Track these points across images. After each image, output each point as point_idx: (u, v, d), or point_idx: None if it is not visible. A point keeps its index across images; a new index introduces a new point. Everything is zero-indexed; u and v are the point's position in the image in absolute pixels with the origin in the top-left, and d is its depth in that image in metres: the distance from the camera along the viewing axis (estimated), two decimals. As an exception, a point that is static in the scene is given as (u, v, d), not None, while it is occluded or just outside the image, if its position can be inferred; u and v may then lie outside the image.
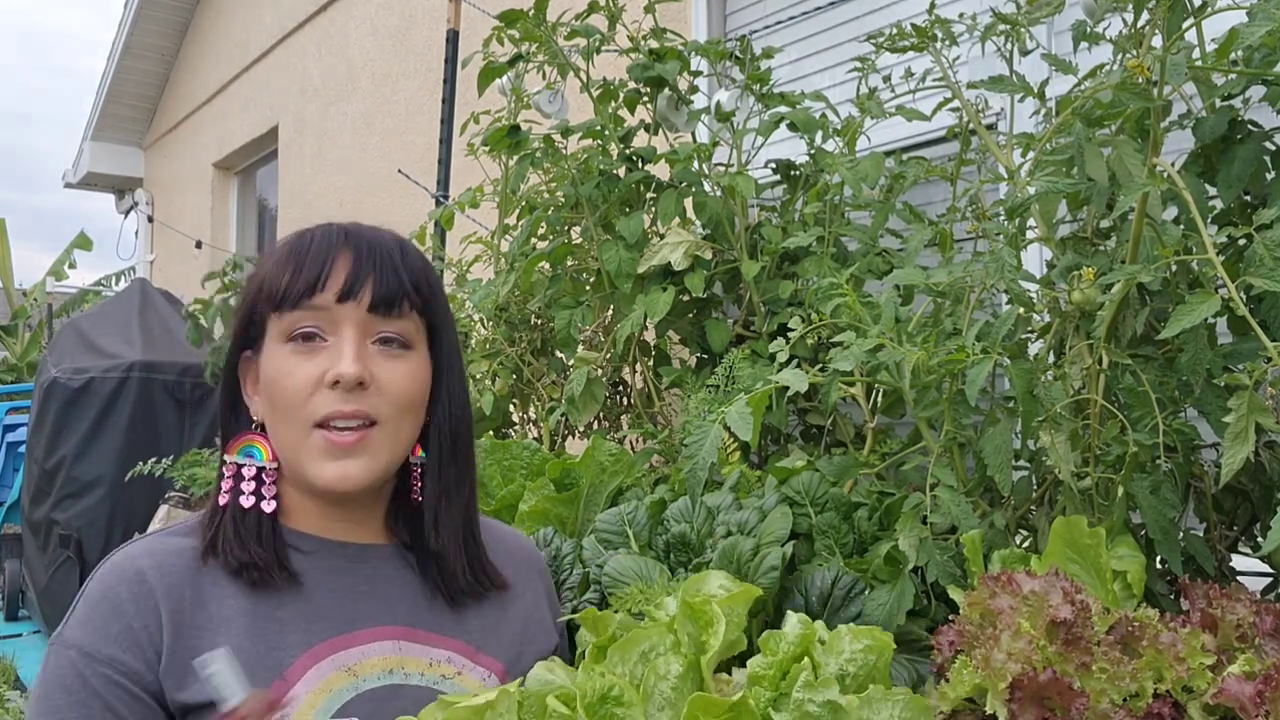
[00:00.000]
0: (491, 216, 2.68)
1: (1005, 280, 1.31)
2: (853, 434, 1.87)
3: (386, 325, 1.04)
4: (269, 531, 1.04)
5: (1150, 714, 0.89)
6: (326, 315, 1.02)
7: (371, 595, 1.07)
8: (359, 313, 1.02)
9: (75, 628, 0.98)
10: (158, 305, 5.48)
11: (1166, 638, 0.93)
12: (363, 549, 1.09)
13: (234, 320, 1.09)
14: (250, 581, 1.01)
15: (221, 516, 1.04)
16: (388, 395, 1.03)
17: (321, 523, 1.08)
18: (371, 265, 1.03)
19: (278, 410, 1.03)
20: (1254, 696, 0.86)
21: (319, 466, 1.01)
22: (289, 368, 1.01)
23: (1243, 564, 1.39)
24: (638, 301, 2.04)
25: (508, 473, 1.90)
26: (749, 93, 2.23)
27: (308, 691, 0.98)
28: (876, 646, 0.87)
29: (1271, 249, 1.07)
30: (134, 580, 0.99)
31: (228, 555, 1.01)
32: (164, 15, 7.79)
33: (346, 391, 1.00)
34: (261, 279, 1.05)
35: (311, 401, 1.00)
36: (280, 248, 1.06)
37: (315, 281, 1.01)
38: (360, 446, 1.01)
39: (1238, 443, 1.07)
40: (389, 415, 1.03)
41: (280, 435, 1.04)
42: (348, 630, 1.03)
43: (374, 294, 1.02)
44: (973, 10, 1.72)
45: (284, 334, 1.02)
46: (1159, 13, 1.25)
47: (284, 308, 1.02)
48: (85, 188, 9.21)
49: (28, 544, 5.14)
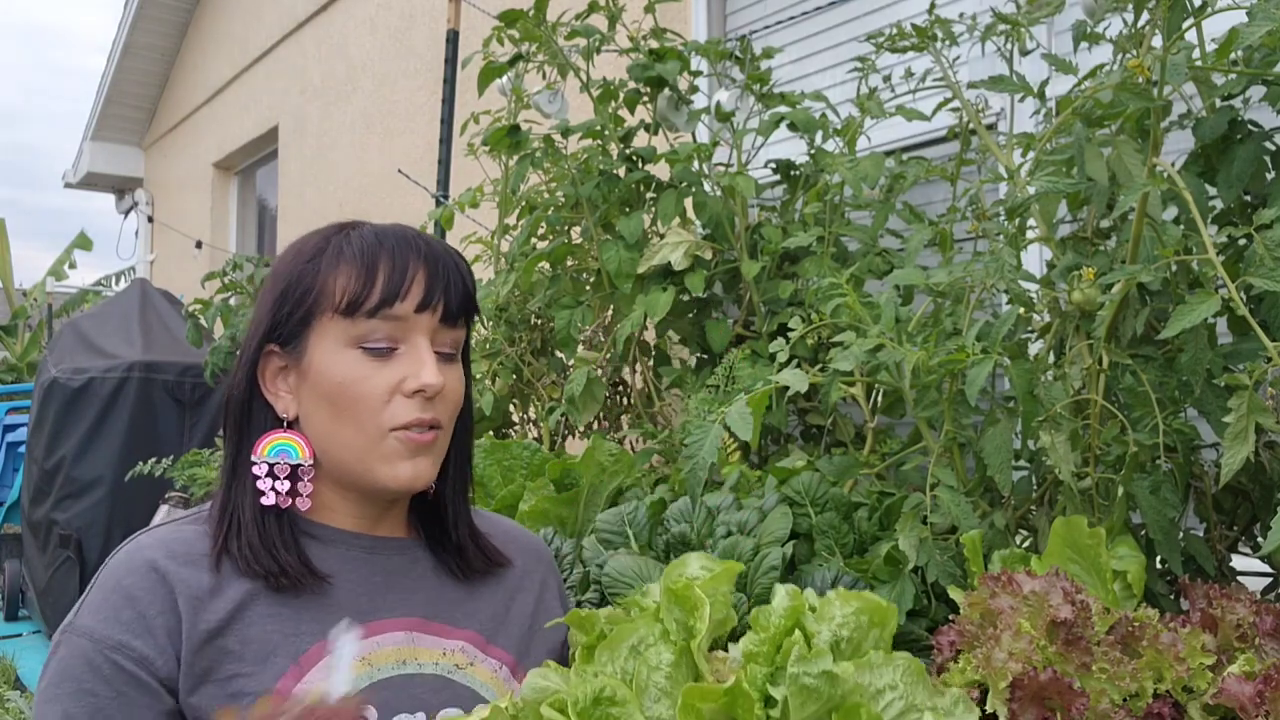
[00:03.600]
0: (491, 216, 2.68)
1: (1005, 280, 1.31)
2: (853, 434, 1.87)
3: (449, 335, 1.07)
4: (290, 539, 1.04)
5: (1150, 714, 0.89)
6: (403, 325, 1.03)
7: (387, 586, 1.08)
8: (432, 322, 1.04)
9: (86, 615, 0.98)
10: (158, 305, 5.47)
11: (1166, 638, 0.93)
12: (380, 541, 1.10)
13: (265, 310, 1.06)
14: (275, 587, 1.01)
15: (243, 517, 1.03)
16: (448, 401, 1.06)
17: (345, 518, 1.09)
18: (444, 277, 1.05)
19: (344, 414, 1.02)
20: (1254, 696, 0.87)
21: (393, 467, 1.03)
22: (361, 374, 1.02)
23: (1243, 564, 1.39)
24: (638, 301, 2.04)
25: (508, 473, 1.90)
26: (749, 93, 2.23)
27: (321, 680, 0.98)
28: (867, 608, 0.86)
29: (1271, 249, 1.07)
30: (147, 569, 0.98)
31: (250, 562, 1.01)
32: (164, 15, 7.78)
33: (425, 400, 1.03)
34: (322, 278, 1.03)
35: (389, 408, 1.02)
36: (337, 245, 1.04)
37: (397, 292, 1.02)
38: (431, 446, 1.05)
39: (1238, 443, 1.07)
40: (446, 421, 1.07)
41: (343, 437, 1.03)
42: (362, 620, 1.04)
43: (445, 306, 1.05)
44: (973, 10, 1.72)
45: (354, 340, 1.02)
46: (1159, 13, 1.25)
47: (358, 314, 1.01)
48: (85, 188, 9.21)
49: (28, 544, 5.14)
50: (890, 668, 0.82)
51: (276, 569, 1.01)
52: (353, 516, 1.09)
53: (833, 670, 0.77)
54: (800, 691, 0.76)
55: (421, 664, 1.05)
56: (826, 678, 0.77)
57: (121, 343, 5.04)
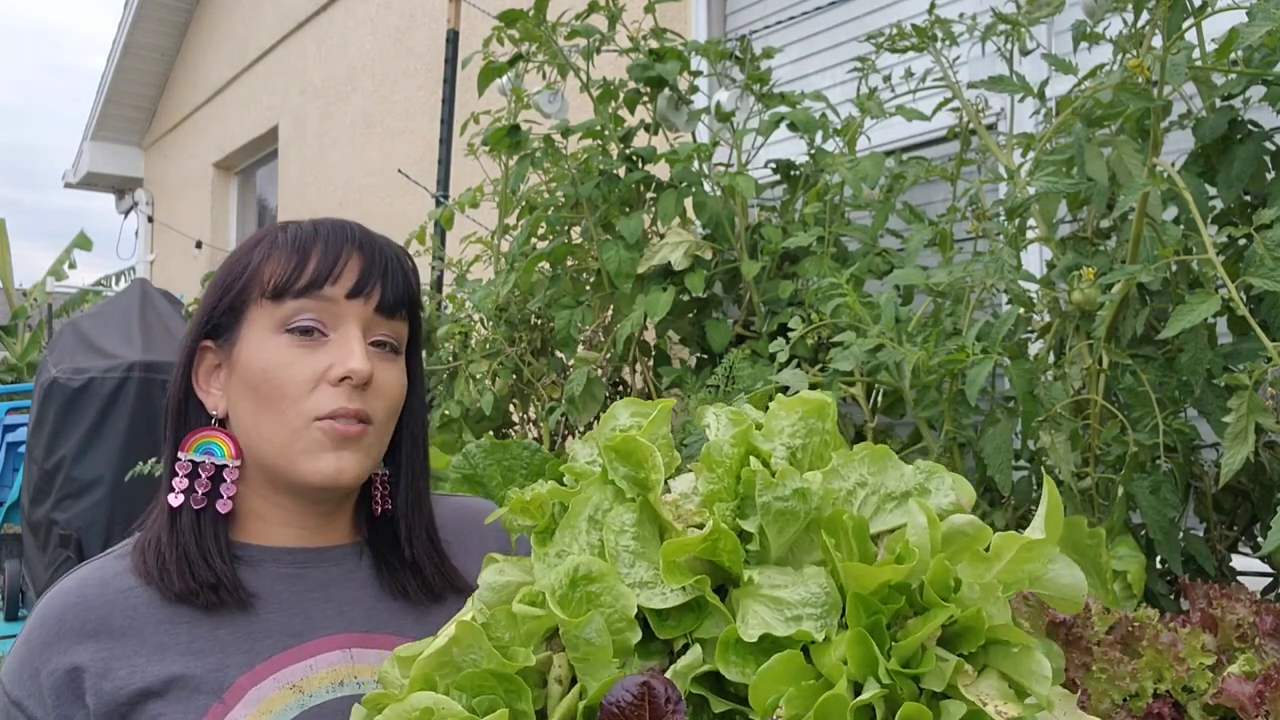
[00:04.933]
0: (491, 216, 2.68)
1: (1005, 280, 1.31)
2: (853, 434, 1.87)
3: (386, 328, 1.02)
4: (225, 543, 0.99)
5: (1150, 714, 0.89)
6: (331, 309, 0.99)
7: (324, 600, 1.02)
8: (365, 311, 1.00)
9: (8, 660, 0.97)
10: (158, 305, 5.47)
11: (1166, 638, 0.93)
12: (316, 552, 1.05)
13: (202, 306, 1.03)
14: (206, 605, 0.96)
15: (168, 526, 0.98)
16: (382, 397, 1.01)
17: (275, 529, 1.03)
18: (381, 266, 1.01)
19: (267, 403, 0.98)
20: (1254, 696, 0.87)
21: (314, 460, 0.97)
22: (286, 359, 0.98)
23: (1243, 564, 1.39)
24: (638, 301, 2.04)
25: (507, 473, 1.90)
26: (749, 93, 2.23)
27: (246, 715, 0.93)
28: (811, 408, 0.80)
29: (1271, 249, 1.07)
30: (54, 622, 0.95)
31: (176, 578, 0.96)
32: (164, 15, 7.78)
33: (352, 389, 0.98)
34: (254, 266, 1.00)
35: (313, 396, 0.97)
36: (274, 235, 1.02)
37: (327, 274, 0.99)
38: (358, 440, 0.99)
39: (1238, 443, 1.07)
40: (381, 418, 1.01)
41: (266, 429, 0.99)
42: (294, 644, 0.98)
43: (382, 295, 1.01)
44: (973, 10, 1.72)
45: (280, 324, 0.98)
46: (1159, 13, 1.25)
47: (286, 296, 0.98)
48: (85, 188, 9.21)
49: (27, 544, 5.14)
50: (855, 463, 0.78)
51: (212, 581, 0.96)
52: (289, 527, 1.03)
53: (803, 487, 0.73)
54: (776, 518, 0.73)
55: (362, 683, 0.98)
56: (799, 496, 0.73)
57: (121, 343, 5.04)
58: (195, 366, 1.03)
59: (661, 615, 0.72)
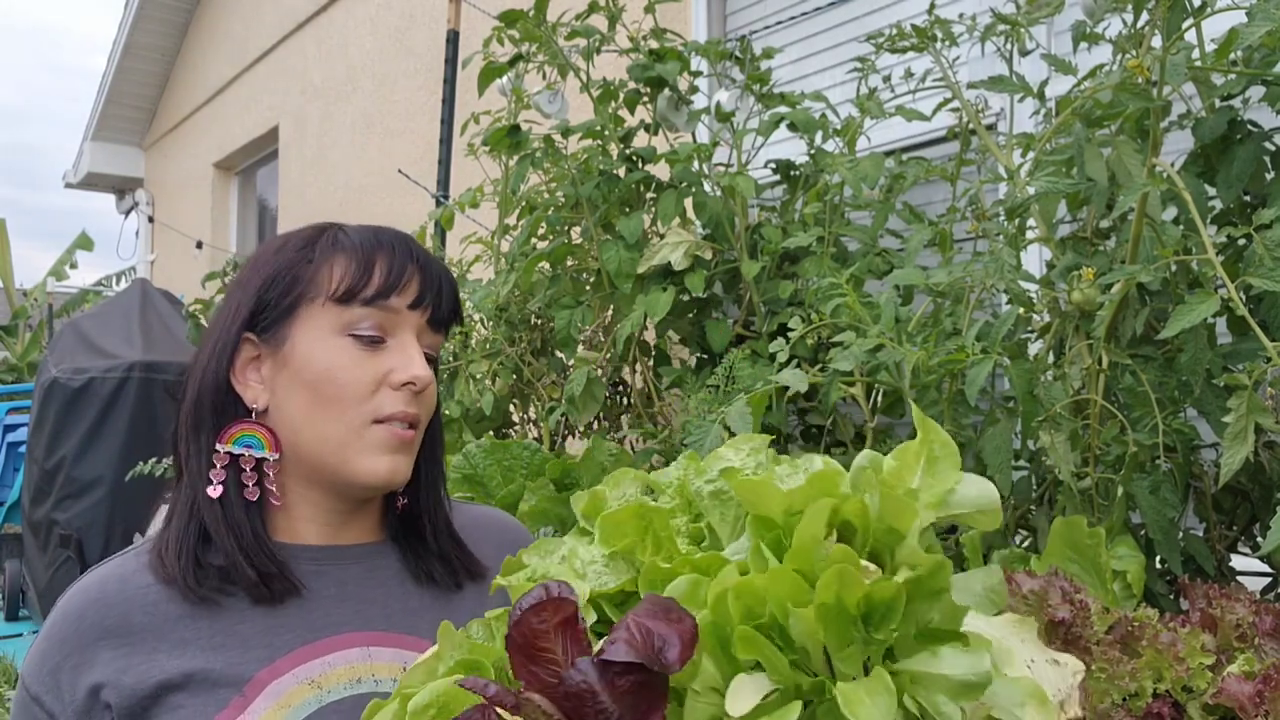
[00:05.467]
0: (491, 216, 2.69)
1: (1005, 280, 1.31)
2: (853, 434, 1.87)
3: (433, 339, 1.07)
4: (265, 535, 1.01)
5: (1150, 714, 0.89)
6: (394, 318, 1.03)
7: (341, 598, 1.03)
8: (420, 322, 1.05)
9: (28, 655, 0.99)
10: (158, 305, 5.48)
11: (1166, 638, 0.93)
12: (336, 550, 1.06)
13: (244, 298, 1.04)
14: (255, 599, 0.98)
15: (212, 514, 0.99)
16: (427, 403, 1.06)
17: (301, 525, 1.04)
18: (437, 283, 1.06)
19: (329, 402, 1.00)
20: (1253, 696, 0.87)
21: (373, 460, 1.00)
22: (348, 362, 1.00)
23: (1243, 564, 1.39)
24: (638, 301, 2.04)
25: (508, 473, 1.90)
26: (749, 93, 2.23)
27: (266, 708, 0.94)
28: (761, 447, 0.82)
29: (1271, 249, 1.07)
30: (75, 619, 0.97)
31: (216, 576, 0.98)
32: (164, 15, 7.78)
33: (412, 394, 1.02)
34: (310, 265, 1.02)
35: (375, 398, 1.01)
36: (330, 238, 1.04)
37: (396, 284, 1.02)
38: (410, 445, 1.04)
39: (1237, 443, 1.07)
40: (425, 421, 1.06)
41: (321, 427, 1.00)
42: (313, 640, 0.99)
43: (435, 309, 1.06)
44: (973, 10, 1.72)
45: (344, 326, 1.01)
46: (1159, 13, 1.25)
47: (353, 302, 1.01)
48: (85, 188, 9.21)
49: (28, 544, 5.15)
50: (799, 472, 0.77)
51: (270, 569, 0.98)
52: (314, 524, 1.05)
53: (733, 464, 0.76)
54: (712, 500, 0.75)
55: (379, 680, 1.00)
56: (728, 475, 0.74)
57: (122, 343, 5.05)
58: (235, 358, 1.04)
59: (616, 602, 0.76)
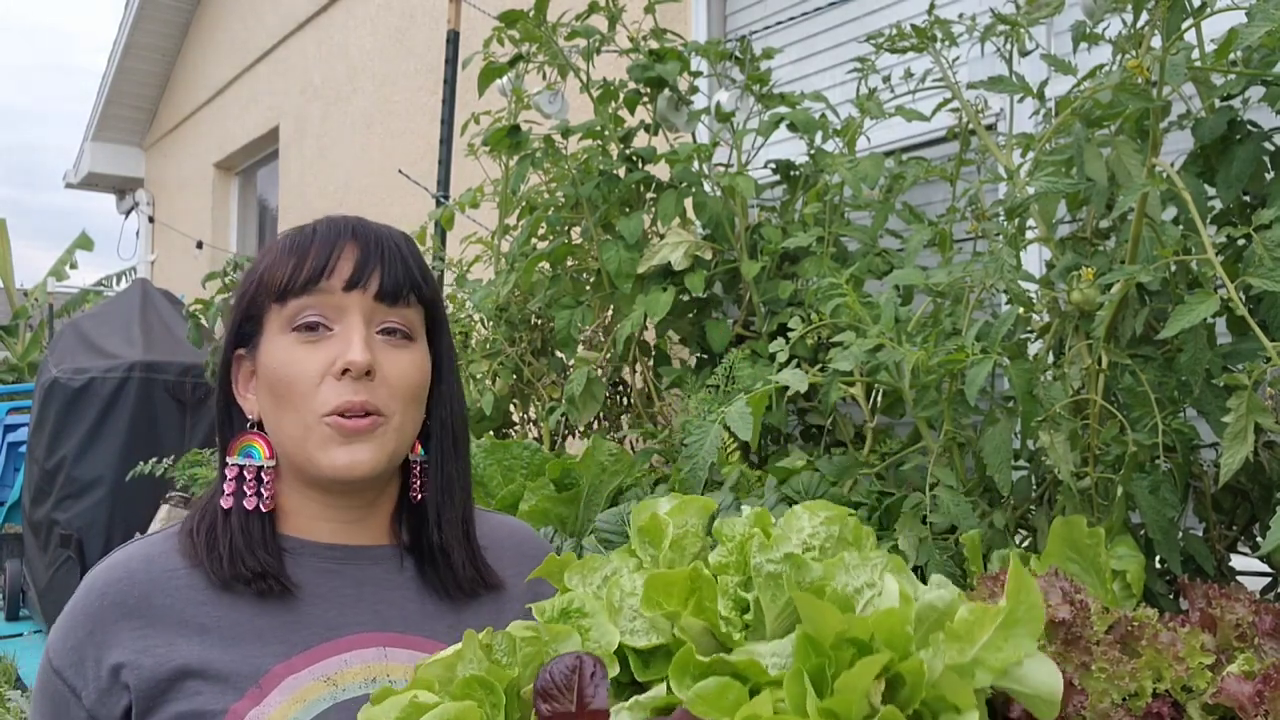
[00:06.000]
0: (491, 216, 2.69)
1: (1005, 280, 1.31)
2: (853, 434, 1.87)
3: (391, 314, 1.03)
4: (270, 537, 1.02)
5: (1150, 713, 0.89)
6: (332, 303, 1.00)
7: (358, 599, 1.04)
8: (365, 301, 1.01)
9: (53, 631, 1.00)
10: (158, 305, 5.48)
11: (1166, 637, 0.93)
12: (353, 550, 1.06)
13: (229, 318, 1.07)
14: (258, 592, 0.99)
15: (221, 522, 1.02)
16: (393, 386, 1.02)
17: (315, 524, 1.05)
18: (378, 254, 1.02)
19: (282, 401, 1.00)
20: (1253, 696, 0.87)
21: (328, 454, 0.99)
22: (294, 358, 1.00)
23: (1242, 564, 1.39)
24: (638, 301, 2.04)
25: (508, 473, 1.90)
26: (749, 93, 2.23)
27: (280, 702, 0.95)
28: (838, 517, 0.79)
29: (1270, 249, 1.07)
30: (98, 595, 0.98)
31: (227, 566, 0.99)
32: (164, 15, 7.79)
33: (355, 380, 0.99)
34: (261, 272, 1.03)
35: (320, 392, 0.99)
36: (279, 241, 1.05)
37: (322, 269, 1.00)
38: (369, 433, 1.00)
39: (1237, 443, 1.07)
40: (394, 408, 1.02)
41: (284, 428, 1.01)
42: (330, 638, 1.00)
43: (380, 282, 1.02)
44: (973, 10, 1.72)
45: (287, 323, 1.01)
46: (1158, 13, 1.25)
47: (288, 296, 1.00)
48: (86, 188, 9.22)
49: (28, 544, 5.15)
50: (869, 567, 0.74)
51: (259, 570, 0.99)
52: (326, 523, 1.05)
53: (796, 554, 0.71)
54: (768, 582, 0.71)
55: (394, 680, 0.99)
56: (791, 562, 0.71)
57: (122, 343, 5.05)
58: (234, 375, 1.07)
59: (643, 658, 0.73)
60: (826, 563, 0.74)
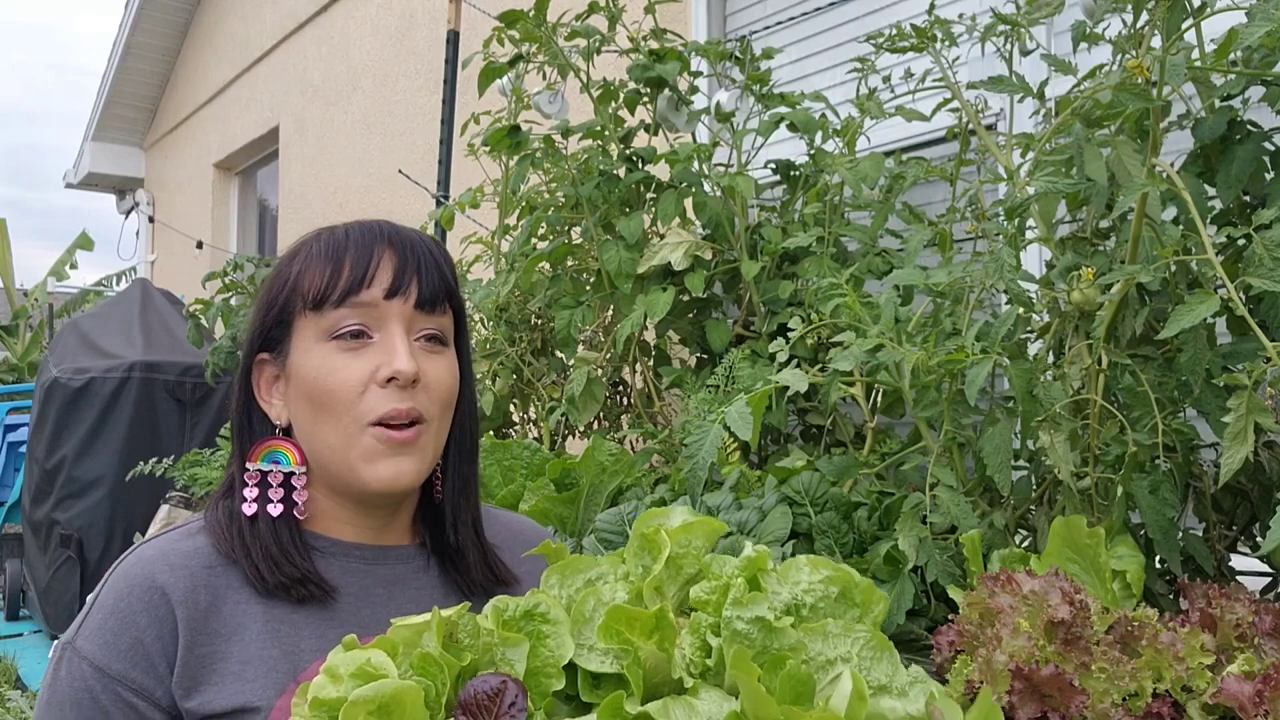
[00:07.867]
0: (491, 216, 2.69)
1: (1005, 280, 1.31)
2: (853, 434, 1.87)
3: (429, 321, 1.04)
4: (301, 545, 1.02)
5: (1150, 713, 0.89)
6: (373, 312, 1.01)
7: (389, 599, 1.05)
8: (405, 309, 1.02)
9: (88, 639, 0.96)
10: (159, 305, 5.48)
11: (1166, 637, 0.93)
12: (381, 550, 1.07)
13: (252, 321, 1.06)
14: (298, 597, 1.00)
15: (248, 529, 1.01)
16: (433, 392, 1.03)
17: (344, 526, 1.06)
18: (415, 261, 1.03)
19: (322, 410, 1.00)
20: (1253, 696, 0.87)
21: (373, 467, 1.00)
22: (334, 365, 0.99)
23: (1242, 564, 1.39)
24: (638, 301, 2.04)
25: (508, 472, 1.90)
26: (749, 93, 2.23)
27: None
28: (839, 579, 0.76)
29: (1270, 249, 1.07)
30: (147, 588, 0.97)
31: (260, 574, 0.99)
32: (165, 15, 7.78)
33: (401, 389, 0.99)
34: (293, 278, 1.03)
35: (364, 400, 0.99)
36: (309, 245, 1.04)
37: (362, 278, 1.00)
38: (413, 444, 1.01)
39: (1237, 443, 1.07)
40: (434, 413, 1.03)
41: (323, 437, 1.01)
42: (364, 636, 1.01)
43: (420, 290, 1.02)
44: (973, 10, 1.72)
45: (326, 332, 1.00)
46: (1158, 13, 1.25)
47: (325, 306, 1.00)
48: (86, 188, 9.21)
49: (29, 544, 5.15)
50: (850, 639, 0.72)
51: (297, 576, 0.99)
52: (353, 525, 1.06)
53: (767, 619, 0.69)
54: (732, 638, 0.69)
55: None
56: (760, 626, 0.69)
57: (122, 343, 5.05)
58: (255, 379, 1.06)
59: (593, 680, 0.72)
60: (805, 627, 0.72)
